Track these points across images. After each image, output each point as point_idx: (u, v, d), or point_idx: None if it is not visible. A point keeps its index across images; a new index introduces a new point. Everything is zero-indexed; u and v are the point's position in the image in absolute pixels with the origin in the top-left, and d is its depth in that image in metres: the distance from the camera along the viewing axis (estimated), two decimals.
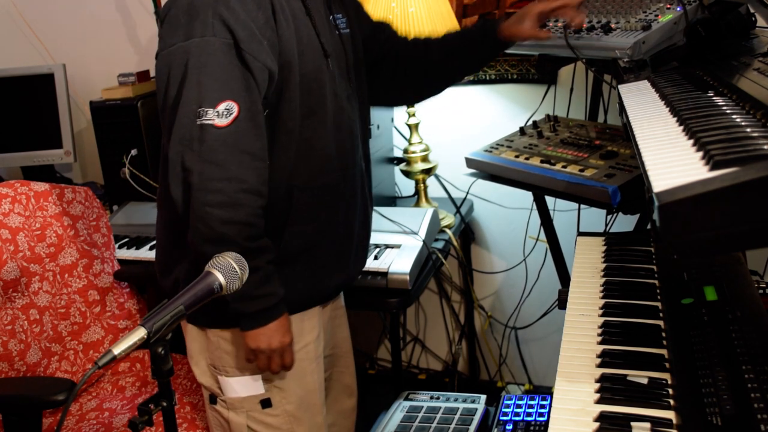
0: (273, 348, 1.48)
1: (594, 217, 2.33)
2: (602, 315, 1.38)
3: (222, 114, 1.37)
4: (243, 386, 1.59)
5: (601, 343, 1.29)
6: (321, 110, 1.53)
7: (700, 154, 0.89)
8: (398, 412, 2.08)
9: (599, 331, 1.33)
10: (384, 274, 1.94)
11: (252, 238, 1.41)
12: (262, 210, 1.44)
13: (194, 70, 1.37)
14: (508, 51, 1.97)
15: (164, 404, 1.12)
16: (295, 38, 1.47)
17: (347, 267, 1.69)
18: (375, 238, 2.08)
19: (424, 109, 2.57)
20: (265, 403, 1.61)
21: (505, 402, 1.87)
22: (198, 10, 1.38)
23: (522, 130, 2.16)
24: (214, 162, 1.37)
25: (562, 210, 2.44)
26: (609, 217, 2.28)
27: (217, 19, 1.37)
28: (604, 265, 1.58)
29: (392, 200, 2.66)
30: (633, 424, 1.06)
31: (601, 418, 1.09)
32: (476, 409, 2.04)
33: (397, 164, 2.59)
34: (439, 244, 2.23)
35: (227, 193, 1.37)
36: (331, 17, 1.61)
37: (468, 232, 2.64)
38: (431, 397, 2.15)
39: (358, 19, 1.77)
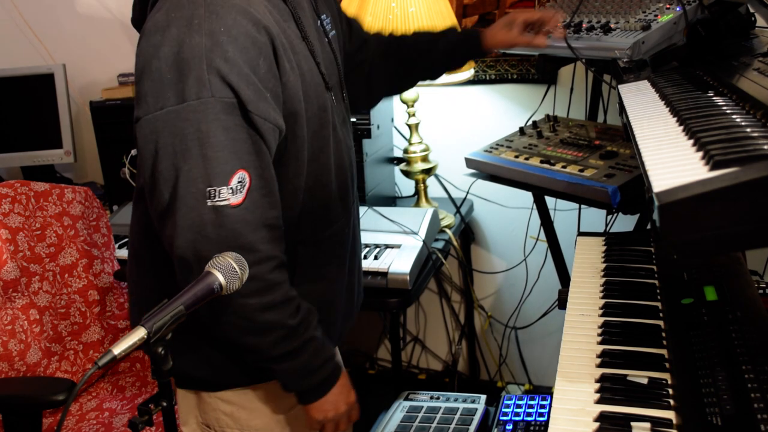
0: (341, 412, 1.35)
1: (594, 217, 2.33)
2: (602, 315, 1.38)
3: (236, 190, 1.16)
4: None
5: (601, 343, 1.29)
6: (324, 155, 1.33)
7: (700, 154, 0.89)
8: (398, 412, 2.08)
9: (599, 331, 1.33)
10: (384, 274, 1.94)
11: (295, 313, 1.26)
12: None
13: (195, 142, 1.13)
14: (508, 51, 1.98)
15: (164, 404, 1.12)
16: (300, 78, 1.25)
17: (353, 309, 1.56)
18: (375, 238, 2.09)
19: (424, 109, 2.57)
20: None
21: (505, 402, 1.88)
22: (189, 63, 1.12)
23: (522, 130, 2.16)
24: (240, 246, 1.15)
25: (562, 210, 2.44)
26: (609, 217, 2.28)
27: (214, 74, 1.12)
28: (604, 265, 1.58)
29: (392, 200, 2.66)
30: (633, 424, 1.06)
31: (601, 418, 1.09)
32: (476, 409, 2.04)
33: (397, 164, 2.59)
34: (439, 244, 2.23)
35: (262, 277, 1.19)
36: (319, 21, 1.40)
37: (468, 232, 2.64)
38: (431, 397, 2.15)
39: (339, 13, 1.61)
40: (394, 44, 1.69)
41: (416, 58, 1.68)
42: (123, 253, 2.26)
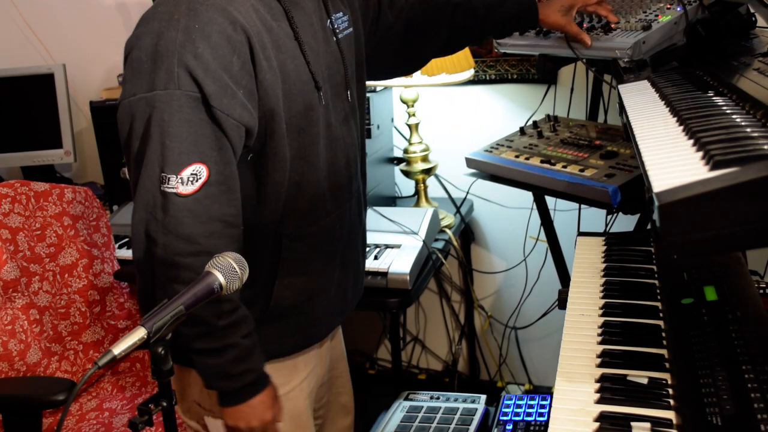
0: (252, 427, 1.34)
1: (594, 217, 2.33)
2: (602, 315, 1.38)
3: (187, 180, 1.20)
4: (219, 429, 1.44)
5: (601, 343, 1.29)
6: (312, 152, 1.36)
7: (700, 154, 0.89)
8: (398, 412, 2.08)
9: (599, 331, 1.33)
10: (384, 274, 1.94)
11: (224, 314, 1.26)
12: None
13: (156, 129, 1.19)
14: (508, 51, 1.97)
15: (164, 404, 1.12)
16: (280, 77, 1.28)
17: (345, 305, 1.58)
18: (375, 238, 2.09)
19: (424, 109, 2.57)
20: None
21: (505, 402, 1.88)
22: (163, 55, 1.18)
23: (522, 130, 2.16)
24: (179, 235, 1.20)
25: (562, 210, 2.44)
26: (609, 217, 2.28)
27: (183, 68, 1.17)
28: (604, 265, 1.58)
29: (392, 200, 2.66)
30: (633, 424, 1.06)
31: (601, 418, 1.09)
32: (476, 409, 2.04)
33: (397, 164, 2.59)
34: (439, 244, 2.23)
35: (196, 269, 1.19)
36: (329, 21, 1.42)
37: (468, 232, 2.64)
38: (431, 397, 2.15)
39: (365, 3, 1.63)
40: (450, 7, 1.72)
41: (472, 25, 1.72)
42: (123, 253, 2.26)
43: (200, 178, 1.21)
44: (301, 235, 1.39)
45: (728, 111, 1.05)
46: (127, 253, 2.25)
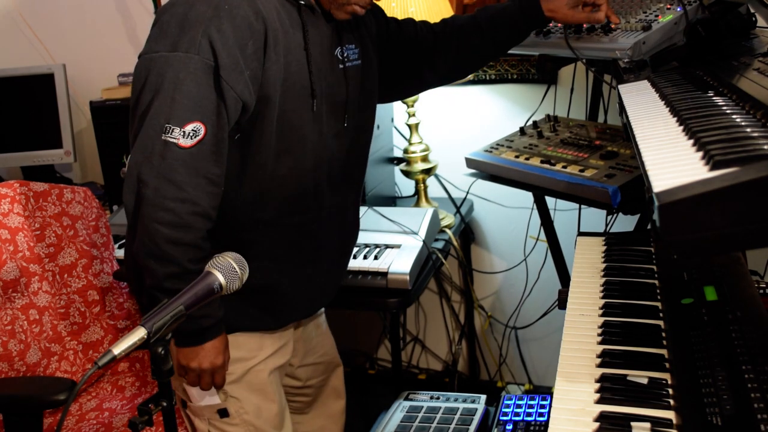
0: (203, 368, 1.46)
1: (594, 217, 2.33)
2: (602, 315, 1.38)
3: (188, 135, 1.34)
4: (200, 395, 1.59)
5: (601, 343, 1.29)
6: (299, 149, 1.50)
7: (700, 154, 0.89)
8: (398, 412, 2.08)
9: (599, 331, 1.33)
10: (384, 274, 1.94)
11: (195, 260, 1.38)
12: (208, 233, 1.42)
13: (170, 85, 1.34)
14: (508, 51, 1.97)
15: (164, 404, 1.12)
16: (283, 74, 1.43)
17: (313, 302, 1.71)
18: (375, 238, 2.09)
19: (424, 109, 2.57)
20: (223, 412, 1.61)
21: (505, 402, 1.87)
22: (191, 24, 1.35)
23: (522, 130, 2.16)
24: (171, 180, 1.34)
25: (562, 210, 2.44)
26: (609, 217, 2.28)
27: (206, 38, 1.34)
28: (604, 265, 1.58)
29: (392, 200, 2.66)
30: (633, 424, 1.06)
31: (601, 418, 1.09)
32: (476, 409, 2.04)
33: (397, 164, 2.59)
34: (439, 244, 2.23)
35: (179, 213, 1.35)
36: (339, 49, 1.56)
37: (468, 232, 2.64)
38: (431, 397, 2.15)
39: (384, 35, 1.73)
40: (454, 35, 1.79)
41: (479, 42, 1.78)
42: (122, 253, 2.25)
43: (198, 135, 1.35)
44: (278, 224, 1.52)
45: (728, 111, 1.05)
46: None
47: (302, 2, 1.48)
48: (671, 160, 0.92)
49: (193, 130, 1.35)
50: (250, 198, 1.48)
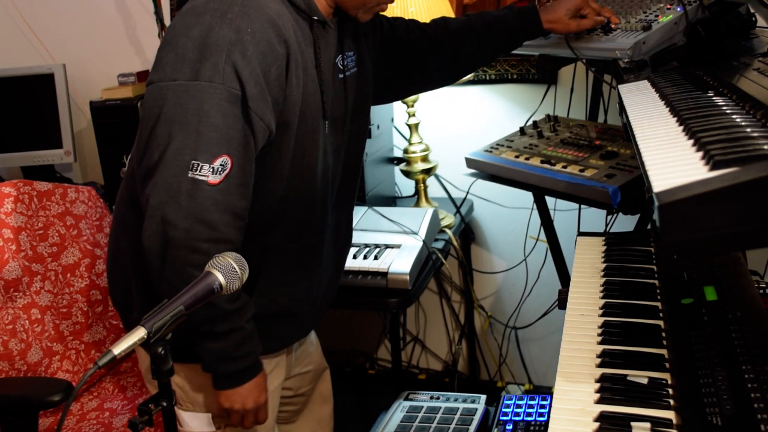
0: (248, 409, 1.42)
1: (594, 217, 2.33)
2: (602, 315, 1.38)
3: (217, 170, 1.26)
4: (193, 421, 1.52)
5: (601, 343, 1.29)
6: (309, 173, 1.43)
7: (700, 154, 0.89)
8: (398, 412, 2.08)
9: (599, 331, 1.33)
10: (384, 274, 1.94)
11: (232, 299, 1.33)
12: None
13: (194, 117, 1.24)
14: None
15: (164, 404, 1.12)
16: (301, 97, 1.36)
17: (314, 319, 1.67)
18: (375, 238, 2.09)
19: (424, 109, 2.57)
20: None
21: (505, 402, 1.87)
22: (212, 49, 1.24)
23: (522, 130, 2.16)
24: (204, 221, 1.26)
25: (562, 210, 2.44)
26: (609, 217, 2.28)
27: (230, 65, 1.24)
28: (604, 265, 1.58)
29: (392, 200, 2.66)
30: (633, 424, 1.06)
31: (601, 418, 1.09)
32: (476, 409, 2.03)
33: (397, 164, 2.59)
34: (439, 244, 2.23)
35: (211, 254, 1.22)
36: (339, 57, 1.49)
37: (468, 232, 2.64)
38: (431, 397, 2.15)
39: (378, 37, 1.67)
40: (447, 39, 1.74)
41: (475, 49, 1.75)
42: None
43: (225, 170, 1.27)
44: (285, 249, 1.46)
45: (728, 111, 1.05)
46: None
47: (315, 17, 1.39)
48: (671, 160, 0.92)
49: (221, 164, 1.26)
50: (259, 225, 1.40)
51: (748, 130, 0.93)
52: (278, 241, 1.45)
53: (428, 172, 2.43)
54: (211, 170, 1.26)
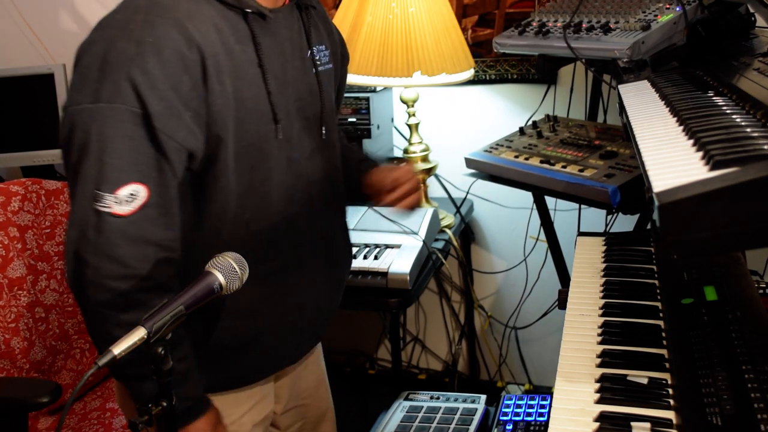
0: None
1: (594, 217, 2.33)
2: (602, 315, 1.38)
3: (123, 201, 1.14)
4: None
5: (601, 343, 1.29)
6: (265, 188, 1.29)
7: (700, 154, 0.89)
8: (398, 412, 2.08)
9: (599, 331, 1.33)
10: (384, 274, 1.94)
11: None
12: None
13: (96, 144, 1.13)
14: (507, 51, 1.98)
15: (164, 404, 1.12)
16: (234, 104, 1.21)
17: (302, 345, 1.50)
18: (375, 238, 2.09)
19: (424, 109, 2.57)
20: None
21: (505, 402, 1.87)
22: (112, 66, 1.13)
23: (522, 130, 2.16)
24: (111, 257, 1.15)
25: (562, 210, 2.44)
26: (609, 217, 2.28)
27: (128, 82, 1.12)
28: (604, 265, 1.58)
29: None
30: (633, 424, 1.06)
31: (601, 418, 1.09)
32: (476, 409, 2.03)
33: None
34: (439, 244, 2.23)
35: (125, 292, 1.16)
36: (311, 51, 1.36)
37: (468, 232, 2.64)
38: (431, 397, 2.15)
39: (342, 59, 1.55)
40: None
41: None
42: None
43: (138, 199, 1.15)
44: (249, 275, 1.25)
45: (728, 111, 1.05)
46: None
47: (248, 10, 1.24)
48: (671, 160, 0.92)
49: (131, 194, 1.14)
50: (211, 250, 1.21)
51: (748, 130, 0.93)
52: None
53: (428, 172, 2.43)
54: (116, 200, 1.14)
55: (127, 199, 1.15)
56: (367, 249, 2.04)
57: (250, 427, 1.46)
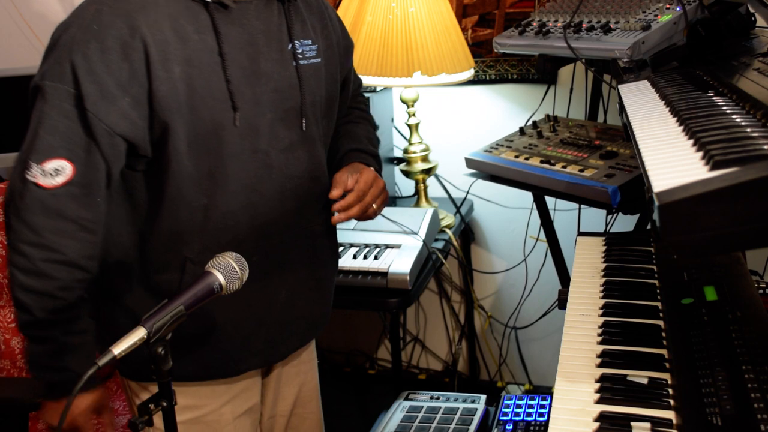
0: (54, 426, 1.32)
1: (594, 217, 2.33)
2: (602, 315, 1.38)
3: (48, 173, 1.21)
4: None
5: (601, 343, 1.29)
6: (221, 174, 1.30)
7: (700, 154, 0.89)
8: (398, 412, 2.08)
9: (599, 331, 1.33)
10: (384, 274, 1.94)
11: (52, 311, 1.26)
12: (84, 283, 1.29)
13: (35, 117, 1.23)
14: (507, 51, 1.98)
15: (164, 404, 1.12)
16: (185, 91, 1.25)
17: (278, 344, 1.48)
18: (375, 238, 2.09)
19: (424, 109, 2.57)
20: None
21: (505, 402, 1.87)
22: (60, 49, 1.22)
23: (522, 130, 2.16)
24: (27, 224, 1.22)
25: (562, 210, 2.44)
26: (609, 217, 2.28)
27: (69, 65, 1.20)
28: (604, 265, 1.58)
29: (392, 200, 2.66)
30: (633, 424, 1.06)
31: (601, 418, 1.09)
32: (476, 409, 2.03)
33: (397, 164, 2.59)
34: (439, 244, 2.23)
35: (33, 260, 1.23)
36: (291, 45, 1.37)
37: (468, 232, 2.64)
38: (431, 397, 2.15)
39: (345, 55, 1.57)
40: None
41: None
42: None
43: (63, 175, 1.22)
44: (204, 261, 1.24)
45: (728, 111, 1.05)
46: None
47: (209, 0, 1.28)
48: (671, 160, 0.92)
49: (55, 168, 1.21)
50: (174, 234, 1.32)
51: (748, 130, 0.93)
52: (197, 252, 1.33)
53: (428, 172, 2.43)
54: (41, 172, 1.21)
55: (52, 173, 1.21)
56: (367, 249, 2.04)
57: (230, 418, 1.48)
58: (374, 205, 1.47)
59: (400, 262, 1.96)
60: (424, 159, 2.42)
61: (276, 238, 1.40)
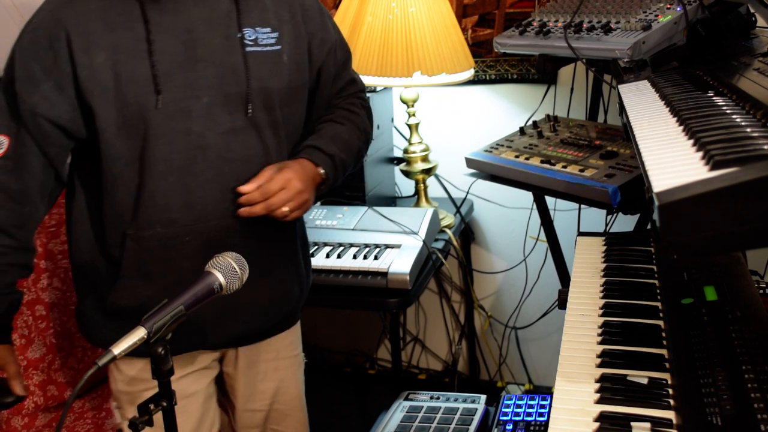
0: None
1: (594, 217, 2.33)
2: (602, 315, 1.38)
3: None
4: (114, 410, 1.59)
5: (601, 343, 1.29)
6: (150, 155, 1.38)
7: (700, 154, 0.89)
8: (398, 412, 2.08)
9: (599, 331, 1.33)
10: (384, 274, 1.94)
11: None
12: (12, 250, 1.43)
13: None
14: (508, 51, 1.98)
15: (164, 404, 1.12)
16: (111, 76, 1.35)
17: (222, 327, 1.50)
18: (375, 238, 2.09)
19: (424, 109, 2.57)
20: None
21: (505, 402, 1.87)
22: (15, 42, 1.40)
23: (522, 130, 2.16)
24: None
25: (562, 210, 2.44)
26: (609, 217, 2.28)
27: (12, 54, 1.39)
28: (604, 265, 1.58)
29: (392, 200, 2.66)
30: (633, 424, 1.06)
31: (601, 418, 1.09)
32: (476, 409, 2.03)
33: (397, 164, 2.59)
34: (439, 244, 2.23)
35: None
36: (240, 33, 1.42)
37: (468, 232, 2.64)
38: (431, 397, 2.15)
39: (320, 46, 1.57)
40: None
41: None
42: None
43: (2, 148, 1.39)
44: (140, 237, 1.42)
45: (728, 111, 1.05)
46: None
47: None
48: (671, 160, 0.92)
49: None
50: (116, 212, 1.42)
51: (748, 130, 0.93)
52: (134, 229, 1.41)
53: (428, 172, 2.43)
54: None
55: None
56: (367, 249, 2.04)
57: (183, 392, 1.50)
58: (285, 208, 1.43)
59: (400, 262, 1.96)
60: (424, 159, 2.42)
61: (214, 221, 1.43)
